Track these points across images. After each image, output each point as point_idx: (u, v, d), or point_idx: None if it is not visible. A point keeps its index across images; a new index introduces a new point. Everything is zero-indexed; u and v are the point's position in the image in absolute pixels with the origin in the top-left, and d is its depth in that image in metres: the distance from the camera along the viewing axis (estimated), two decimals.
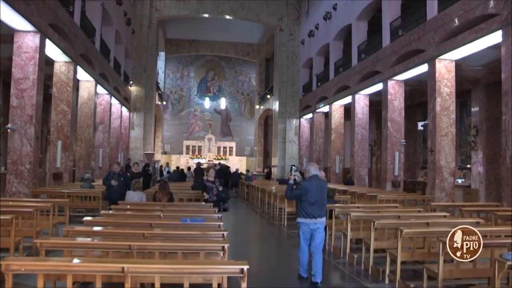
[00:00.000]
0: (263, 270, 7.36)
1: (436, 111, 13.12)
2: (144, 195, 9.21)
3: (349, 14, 19.57)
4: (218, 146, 33.89)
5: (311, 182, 6.44)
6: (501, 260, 4.05)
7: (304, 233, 6.48)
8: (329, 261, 7.78)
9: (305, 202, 6.39)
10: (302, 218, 6.46)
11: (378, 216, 7.58)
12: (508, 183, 10.42)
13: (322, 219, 6.47)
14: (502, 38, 10.56)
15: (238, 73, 37.02)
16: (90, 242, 4.90)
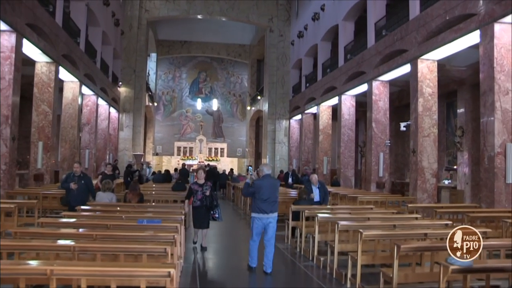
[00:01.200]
0: (224, 263, 8.35)
1: (418, 112, 13.03)
2: (115, 196, 9.09)
3: (336, 14, 19.49)
4: (210, 148, 33.77)
5: (264, 181, 6.98)
6: (445, 264, 3.93)
7: (257, 227, 6.96)
8: (298, 264, 7.66)
9: (258, 199, 6.89)
10: (255, 213, 6.96)
11: (345, 218, 7.45)
12: (486, 184, 10.33)
13: (274, 214, 6.96)
14: (480, 38, 10.49)
15: (230, 74, 36.91)
16: (27, 244, 4.78)
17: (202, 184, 8.55)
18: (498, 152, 9.98)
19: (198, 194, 8.41)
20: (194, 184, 8.64)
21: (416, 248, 4.84)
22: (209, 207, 8.37)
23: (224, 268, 8.00)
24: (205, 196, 8.37)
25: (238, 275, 7.29)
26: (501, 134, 10.02)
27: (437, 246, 5.03)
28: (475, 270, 3.90)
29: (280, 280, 7.04)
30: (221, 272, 7.67)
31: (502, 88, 10.02)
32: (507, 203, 9.92)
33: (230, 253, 9.17)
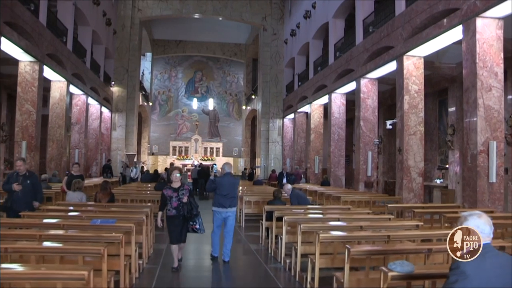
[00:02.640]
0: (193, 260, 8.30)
1: (404, 109, 12.78)
2: (85, 195, 8.90)
3: (326, 12, 19.26)
4: (205, 147, 33.57)
5: (224, 178, 7.73)
6: (385, 271, 3.70)
7: (217, 220, 7.71)
8: (264, 266, 7.44)
9: (218, 194, 7.65)
10: (215, 207, 7.71)
11: (314, 219, 7.23)
12: (469, 183, 10.08)
13: (232, 209, 7.69)
14: (463, 33, 10.24)
15: (226, 73, 36.68)
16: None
17: (177, 188, 6.94)
18: (481, 150, 9.73)
19: (172, 200, 6.84)
20: (167, 188, 7.01)
21: (367, 251, 4.61)
22: (187, 216, 6.81)
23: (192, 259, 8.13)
24: (182, 203, 6.79)
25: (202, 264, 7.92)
26: (484, 132, 9.76)
27: (390, 249, 4.78)
28: (417, 276, 3.66)
29: (243, 281, 6.91)
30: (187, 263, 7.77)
31: (485, 85, 9.77)
32: (490, 203, 9.68)
33: (200, 244, 9.22)
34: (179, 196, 6.86)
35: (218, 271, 7.32)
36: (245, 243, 9.72)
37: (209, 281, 6.82)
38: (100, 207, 8.40)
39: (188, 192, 6.94)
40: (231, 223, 7.69)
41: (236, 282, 6.88)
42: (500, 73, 9.86)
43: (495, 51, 9.86)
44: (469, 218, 2.91)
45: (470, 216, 2.92)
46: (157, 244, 9.07)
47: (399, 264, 3.60)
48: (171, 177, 7.16)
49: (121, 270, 5.32)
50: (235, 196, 7.83)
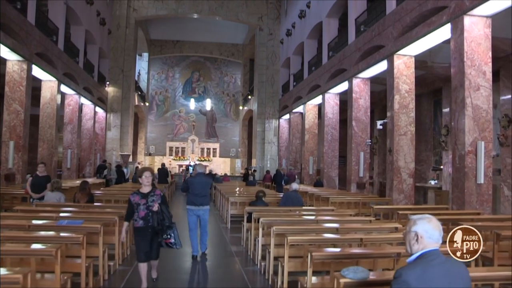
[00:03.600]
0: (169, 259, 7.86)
1: (394, 109, 12.59)
2: (63, 195, 8.74)
3: (320, 11, 19.09)
4: (202, 148, 33.40)
5: (196, 178, 8.14)
6: (337, 276, 3.52)
7: (191, 217, 8.06)
8: (240, 268, 7.27)
9: (191, 193, 8.04)
10: (189, 205, 8.09)
11: (291, 220, 7.06)
12: (457, 184, 9.88)
13: (205, 207, 8.04)
14: (451, 31, 10.06)
15: (224, 74, 36.51)
16: None
17: (146, 193, 5.71)
18: (468, 150, 9.54)
19: (140, 209, 5.63)
20: (135, 194, 5.78)
21: (331, 255, 4.43)
22: (157, 228, 5.63)
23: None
24: (151, 212, 5.60)
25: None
26: (472, 132, 9.58)
27: (355, 253, 4.60)
28: (371, 283, 3.47)
29: (215, 284, 6.75)
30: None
31: (472, 84, 9.59)
32: (478, 205, 9.48)
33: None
34: (148, 203, 5.63)
35: (192, 272, 7.16)
36: (227, 244, 9.56)
37: (181, 283, 6.64)
38: (77, 207, 8.26)
39: (160, 198, 5.73)
40: (205, 219, 8.12)
41: (208, 284, 6.71)
42: (488, 72, 9.67)
43: (483, 49, 9.67)
44: (418, 222, 2.73)
45: (419, 220, 2.74)
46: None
47: (353, 270, 3.42)
48: (142, 179, 5.79)
49: (82, 272, 5.16)
50: (207, 195, 8.21)
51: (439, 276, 2.56)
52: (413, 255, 2.70)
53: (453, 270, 2.65)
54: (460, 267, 2.75)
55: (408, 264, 2.70)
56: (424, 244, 2.67)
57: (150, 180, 5.81)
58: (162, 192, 5.98)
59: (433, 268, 2.57)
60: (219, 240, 10.23)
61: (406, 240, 2.76)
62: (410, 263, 2.68)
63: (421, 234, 2.68)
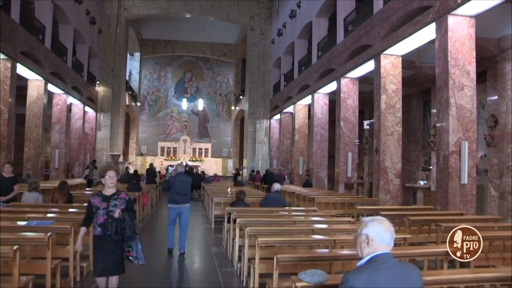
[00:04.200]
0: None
1: (381, 109, 12.51)
2: (41, 195, 8.62)
3: (310, 11, 19.00)
4: (194, 148, 33.25)
5: (177, 178, 8.46)
6: (295, 280, 3.42)
7: (172, 215, 8.39)
8: (217, 269, 7.16)
9: (172, 192, 8.35)
10: (170, 203, 8.43)
11: (266, 221, 6.95)
12: (441, 185, 9.81)
13: (185, 205, 8.39)
14: (436, 31, 10.00)
15: (216, 74, 36.38)
16: None
17: (108, 196, 4.96)
18: (452, 151, 9.46)
19: (99, 214, 4.87)
20: (96, 196, 5.02)
21: (296, 258, 4.33)
22: (119, 238, 4.79)
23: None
24: (111, 219, 4.81)
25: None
26: (456, 132, 9.51)
27: (323, 256, 4.50)
28: (328, 287, 3.35)
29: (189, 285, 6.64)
30: None
31: (457, 83, 9.53)
32: (462, 205, 9.41)
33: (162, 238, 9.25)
34: (109, 208, 4.85)
35: (168, 273, 7.06)
36: (208, 245, 9.47)
37: (155, 283, 6.53)
38: (55, 207, 8.13)
39: (124, 203, 4.93)
40: (186, 218, 8.38)
41: (183, 285, 6.60)
42: (472, 72, 9.62)
43: (467, 49, 9.62)
44: (369, 224, 2.62)
45: (370, 222, 2.63)
46: None
47: (310, 274, 3.31)
48: (106, 180, 5.00)
49: (47, 274, 5.04)
50: (188, 194, 8.59)
51: (387, 280, 2.45)
52: (364, 259, 2.59)
53: (403, 274, 2.54)
54: (412, 270, 2.64)
55: (356, 269, 2.59)
56: (374, 247, 2.56)
57: (114, 181, 5.03)
58: (127, 196, 5.10)
59: (381, 273, 2.46)
60: (201, 241, 10.13)
61: (357, 243, 2.65)
62: (360, 267, 2.57)
63: (372, 237, 2.57)
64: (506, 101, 12.40)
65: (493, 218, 8.31)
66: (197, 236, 10.79)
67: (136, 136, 33.20)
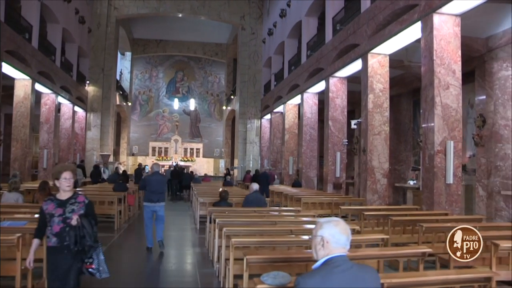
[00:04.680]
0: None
1: (368, 109, 12.45)
2: (21, 196, 8.49)
3: (300, 10, 18.94)
4: (185, 148, 33.08)
5: (152, 177, 8.73)
6: (256, 282, 3.33)
7: (147, 213, 8.66)
8: (197, 270, 7.06)
9: (148, 190, 8.61)
10: (146, 202, 8.69)
11: (246, 222, 6.87)
12: (426, 184, 9.77)
13: (160, 203, 8.65)
14: (421, 29, 9.95)
15: (208, 73, 36.22)
16: None
17: (64, 201, 4.23)
18: (438, 150, 9.42)
19: (54, 222, 4.13)
20: (48, 201, 4.31)
21: (267, 259, 4.24)
22: (73, 250, 4.05)
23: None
24: (69, 227, 4.07)
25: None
26: (441, 131, 9.47)
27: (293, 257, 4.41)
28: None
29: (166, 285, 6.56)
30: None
31: (442, 82, 9.48)
32: (447, 205, 9.36)
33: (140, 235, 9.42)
34: (66, 214, 4.12)
35: (146, 273, 6.96)
36: (191, 246, 9.41)
37: (132, 284, 6.43)
38: (35, 208, 7.98)
39: (83, 207, 4.22)
40: (161, 215, 8.66)
41: (159, 285, 6.49)
42: (458, 70, 9.58)
43: (453, 48, 9.58)
44: (325, 225, 2.52)
45: (326, 224, 2.53)
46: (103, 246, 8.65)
47: (272, 276, 3.23)
48: (58, 182, 4.28)
49: (16, 275, 4.93)
50: (163, 192, 8.84)
51: (340, 284, 2.36)
52: (319, 261, 2.50)
53: (358, 278, 2.44)
54: (368, 274, 2.53)
55: (309, 272, 2.50)
56: (330, 249, 2.47)
57: (71, 184, 4.26)
58: (87, 198, 4.37)
59: (334, 276, 2.37)
60: (185, 241, 10.05)
61: (312, 245, 2.56)
62: (313, 270, 2.48)
63: (327, 239, 2.47)
64: (494, 100, 12.37)
65: (476, 218, 8.25)
66: (182, 236, 10.70)
67: (128, 136, 33.01)
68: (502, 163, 12.13)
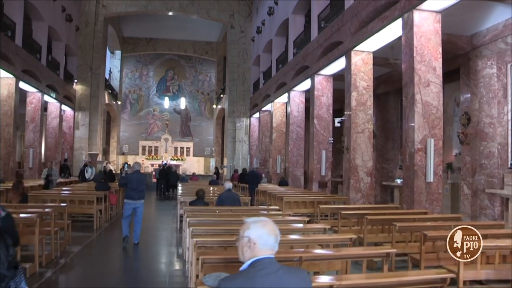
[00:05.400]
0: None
1: (351, 106, 12.34)
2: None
3: (287, 8, 18.82)
4: (175, 147, 32.92)
5: (133, 175, 9.09)
6: (197, 283, 3.22)
7: (127, 210, 8.96)
8: (167, 270, 6.94)
9: (128, 188, 8.94)
10: (126, 199, 9.01)
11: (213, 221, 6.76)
12: (407, 183, 9.68)
13: (140, 200, 8.99)
14: (402, 26, 9.86)
15: (198, 72, 36.02)
16: None
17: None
18: (418, 148, 9.33)
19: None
20: None
21: (221, 259, 4.14)
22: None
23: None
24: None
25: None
26: (421, 129, 9.38)
27: None
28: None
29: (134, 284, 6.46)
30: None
31: (422, 80, 9.40)
32: (428, 204, 9.28)
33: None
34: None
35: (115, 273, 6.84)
36: (168, 245, 9.35)
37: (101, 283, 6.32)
38: (8, 207, 7.83)
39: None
40: (140, 212, 9.01)
41: (127, 284, 6.39)
42: (439, 68, 9.49)
43: (433, 45, 9.49)
44: (252, 226, 2.39)
45: (253, 224, 2.40)
46: (74, 245, 8.56)
47: (214, 277, 3.12)
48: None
49: None
50: (143, 190, 9.13)
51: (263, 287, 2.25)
52: (245, 263, 2.38)
53: (282, 281, 2.31)
54: (295, 277, 2.40)
55: (232, 274, 2.39)
56: (256, 251, 2.35)
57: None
58: (4, 210, 3.67)
59: (258, 279, 2.24)
60: (163, 240, 9.92)
61: (238, 246, 2.44)
62: (239, 272, 2.37)
63: (254, 240, 2.35)
64: (478, 98, 12.29)
65: (454, 217, 8.17)
66: (161, 235, 10.58)
67: (117, 135, 32.79)
68: (487, 161, 12.06)
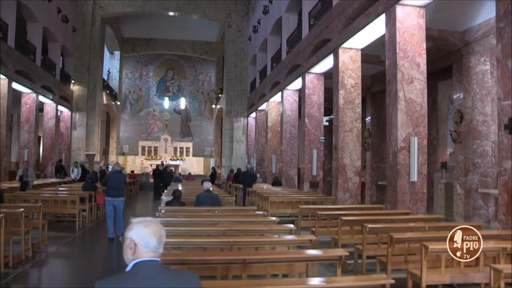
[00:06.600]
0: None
1: (339, 105, 12.13)
2: None
3: (280, 6, 18.63)
4: (175, 147, 32.84)
5: (112, 174, 9.94)
6: None
7: (109, 206, 9.67)
8: None
9: (108, 187, 9.74)
10: (107, 197, 9.73)
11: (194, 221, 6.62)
12: (390, 182, 9.46)
13: (120, 198, 9.74)
14: (385, 21, 9.65)
15: (198, 72, 35.91)
16: None
17: None
18: (401, 146, 9.12)
19: None
20: None
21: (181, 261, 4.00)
22: None
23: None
24: None
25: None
26: (405, 127, 9.16)
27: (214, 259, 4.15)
28: None
29: None
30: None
31: (406, 76, 9.19)
32: (411, 204, 9.05)
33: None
34: None
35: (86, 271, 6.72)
36: None
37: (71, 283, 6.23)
38: None
39: None
40: (120, 209, 9.72)
41: None
42: (423, 64, 9.27)
43: (417, 40, 9.27)
44: (135, 227, 2.25)
45: (136, 225, 2.26)
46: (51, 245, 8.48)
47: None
48: None
49: None
50: (122, 188, 10.03)
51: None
52: (128, 266, 2.23)
53: (162, 286, 2.17)
54: (177, 282, 2.26)
55: (110, 277, 2.24)
56: (138, 252, 2.21)
57: None
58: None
59: (132, 283, 2.10)
60: None
61: (123, 248, 2.29)
62: (120, 274, 2.22)
63: (136, 241, 2.22)
64: (471, 96, 12.05)
65: (435, 218, 7.94)
66: None
67: (117, 136, 32.77)
68: (481, 160, 11.81)
